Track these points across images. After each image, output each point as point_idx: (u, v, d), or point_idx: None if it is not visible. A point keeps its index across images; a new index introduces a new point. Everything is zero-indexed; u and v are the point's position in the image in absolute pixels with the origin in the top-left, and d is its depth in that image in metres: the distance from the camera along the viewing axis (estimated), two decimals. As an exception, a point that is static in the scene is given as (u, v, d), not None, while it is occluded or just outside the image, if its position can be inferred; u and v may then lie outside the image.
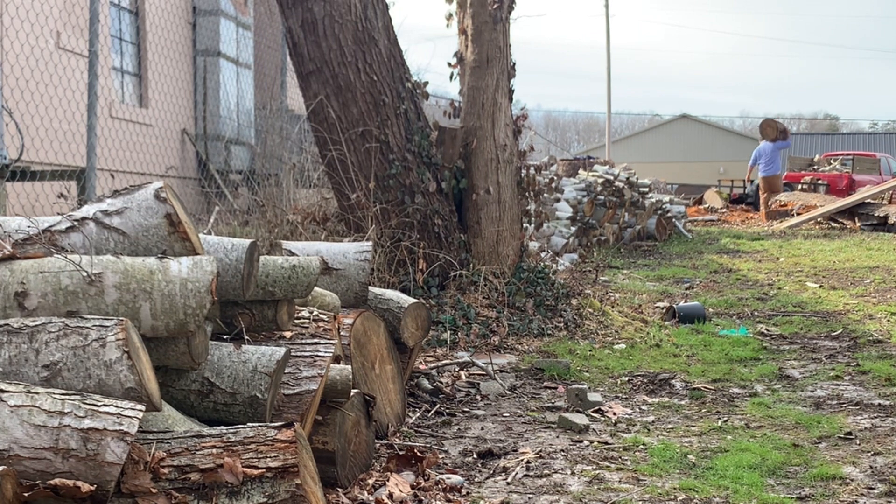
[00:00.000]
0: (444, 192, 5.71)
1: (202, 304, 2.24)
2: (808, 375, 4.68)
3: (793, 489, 2.94)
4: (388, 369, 3.60)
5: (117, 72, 9.76)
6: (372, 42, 5.50)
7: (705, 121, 52.85)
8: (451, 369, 4.53)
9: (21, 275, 2.22)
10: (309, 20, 5.46)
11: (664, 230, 13.99)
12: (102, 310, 2.21)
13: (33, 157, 7.32)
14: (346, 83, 5.48)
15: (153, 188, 2.43)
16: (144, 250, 2.39)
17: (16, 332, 2.06)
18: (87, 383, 2.01)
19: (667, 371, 4.73)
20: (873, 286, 8.09)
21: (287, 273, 2.93)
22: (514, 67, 6.05)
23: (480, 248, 5.78)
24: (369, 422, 3.05)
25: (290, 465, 1.97)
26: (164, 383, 2.46)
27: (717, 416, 3.87)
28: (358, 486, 2.82)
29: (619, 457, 3.28)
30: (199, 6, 11.02)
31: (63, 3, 8.28)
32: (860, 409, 3.97)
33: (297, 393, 2.64)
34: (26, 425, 1.86)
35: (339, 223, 5.74)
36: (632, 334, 5.76)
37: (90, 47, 6.81)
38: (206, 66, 10.98)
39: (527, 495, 2.88)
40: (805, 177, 21.33)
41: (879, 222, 14.88)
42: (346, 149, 5.52)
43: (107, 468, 1.86)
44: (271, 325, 2.92)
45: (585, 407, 3.93)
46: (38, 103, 7.37)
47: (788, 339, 5.75)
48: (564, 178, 11.90)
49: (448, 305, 5.34)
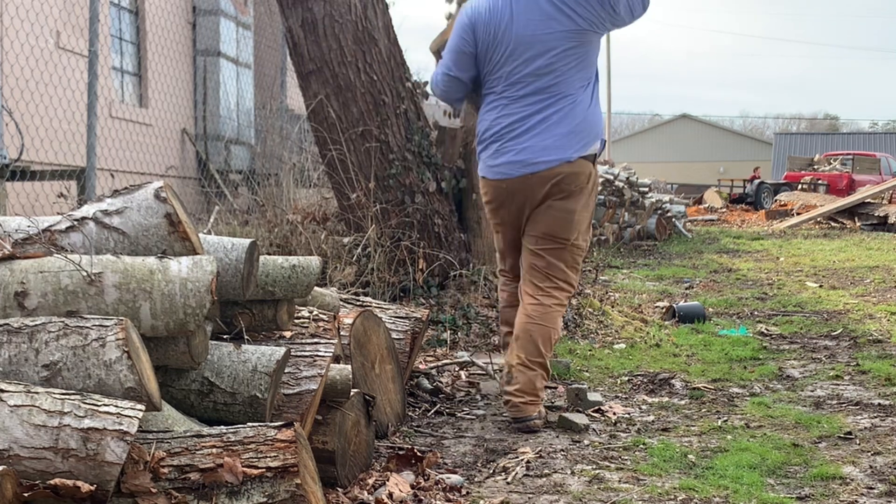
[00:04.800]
0: (444, 192, 5.71)
1: (202, 303, 2.24)
2: (808, 375, 4.68)
3: (793, 489, 2.94)
4: (388, 369, 3.60)
5: (117, 72, 9.77)
6: (372, 42, 5.50)
7: (705, 121, 52.88)
8: (451, 369, 4.53)
9: (21, 274, 2.22)
10: (309, 20, 5.46)
11: (664, 230, 14.00)
12: (102, 309, 2.21)
13: (33, 156, 7.32)
14: (346, 83, 5.48)
15: (153, 188, 2.43)
16: (144, 250, 2.39)
17: (16, 331, 2.06)
18: (86, 383, 2.01)
19: (667, 371, 4.73)
20: (873, 286, 8.09)
21: (287, 273, 2.93)
22: (514, 67, 6.05)
23: (480, 247, 5.78)
24: (369, 421, 3.05)
25: (290, 465, 1.97)
26: (164, 383, 2.46)
27: (717, 415, 3.87)
28: (358, 486, 2.82)
29: (619, 456, 3.28)
30: (199, 6, 11.02)
31: (63, 3, 8.28)
32: (860, 408, 3.98)
33: (297, 393, 2.64)
34: (26, 425, 1.86)
35: (339, 223, 5.74)
36: (632, 334, 5.76)
37: (90, 47, 6.81)
38: (206, 65, 10.99)
39: (527, 495, 2.88)
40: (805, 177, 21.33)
41: (879, 222, 14.89)
42: (346, 148, 5.52)
43: (107, 468, 1.86)
44: (271, 325, 2.92)
45: (585, 407, 3.93)
46: (38, 103, 7.38)
47: (788, 338, 5.75)
48: (564, 177, 11.88)
49: (448, 305, 5.34)
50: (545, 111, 3.66)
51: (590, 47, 3.68)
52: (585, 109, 3.69)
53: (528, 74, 3.67)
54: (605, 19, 3.64)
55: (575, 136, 3.66)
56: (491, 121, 3.78)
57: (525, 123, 3.69)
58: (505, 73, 3.72)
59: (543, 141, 3.66)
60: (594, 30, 3.65)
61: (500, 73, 3.74)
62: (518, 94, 3.70)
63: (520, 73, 3.69)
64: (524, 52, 3.66)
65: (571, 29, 3.60)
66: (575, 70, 3.65)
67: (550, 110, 3.66)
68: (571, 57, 3.64)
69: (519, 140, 3.70)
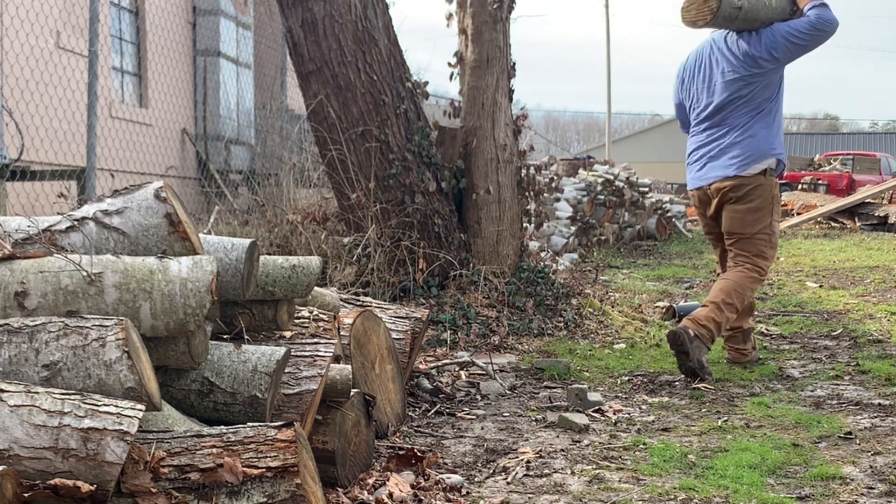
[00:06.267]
0: (444, 192, 5.71)
1: (202, 303, 2.24)
2: (808, 375, 4.68)
3: (793, 489, 2.94)
4: (388, 369, 3.60)
5: (117, 72, 9.77)
6: (372, 42, 5.50)
7: (705, 121, 52.75)
8: (451, 369, 4.53)
9: (21, 274, 2.22)
10: (309, 20, 5.46)
11: (664, 230, 13.99)
12: (102, 309, 2.21)
13: (33, 156, 7.32)
14: (346, 83, 5.47)
15: (153, 188, 2.43)
16: (144, 250, 2.39)
17: (16, 331, 2.06)
18: (86, 383, 2.01)
19: (667, 371, 4.73)
20: (873, 286, 8.09)
21: (287, 273, 2.93)
22: (514, 67, 6.05)
23: (480, 247, 5.78)
24: (369, 421, 3.05)
25: (290, 465, 1.97)
26: (164, 383, 2.46)
27: (717, 415, 3.87)
28: (358, 486, 2.82)
29: (619, 456, 3.28)
30: (199, 6, 11.02)
31: (63, 3, 8.28)
32: (860, 408, 3.98)
33: (297, 393, 2.64)
34: (26, 425, 1.86)
35: (339, 223, 5.74)
36: (632, 334, 5.76)
37: (90, 47, 6.81)
38: (206, 65, 10.98)
39: (527, 495, 2.88)
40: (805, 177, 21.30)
41: (879, 222, 14.88)
42: (346, 148, 5.52)
43: (107, 468, 1.86)
44: (271, 325, 2.92)
45: (585, 406, 3.93)
46: (38, 103, 7.38)
47: (788, 338, 5.75)
48: (564, 177, 11.90)
49: (448, 305, 5.34)
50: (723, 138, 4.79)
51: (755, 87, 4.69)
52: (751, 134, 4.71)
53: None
54: (763, 67, 4.60)
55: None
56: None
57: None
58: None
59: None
60: (755, 79, 4.65)
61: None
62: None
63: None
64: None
65: (732, 79, 4.69)
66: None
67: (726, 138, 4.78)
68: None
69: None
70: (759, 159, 4.67)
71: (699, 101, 4.84)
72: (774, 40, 4.53)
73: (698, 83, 4.83)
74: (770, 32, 4.55)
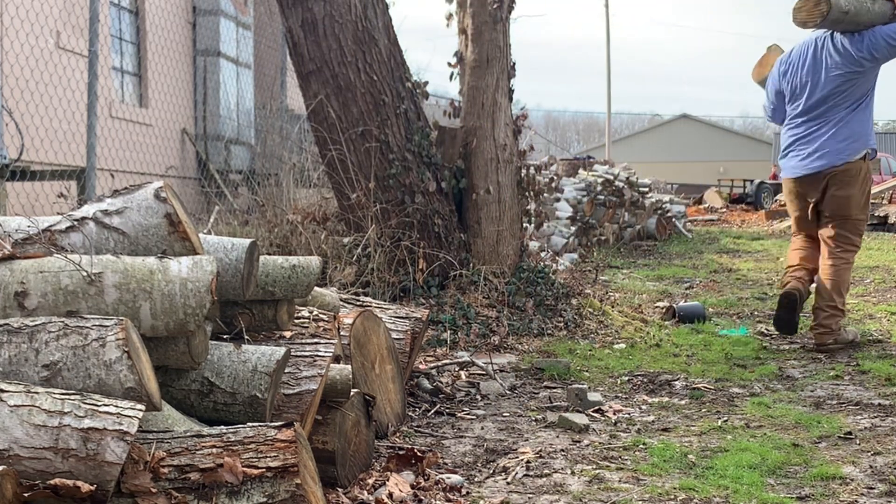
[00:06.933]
0: (444, 192, 5.71)
1: (202, 303, 2.24)
2: (808, 375, 4.68)
3: (793, 489, 2.94)
4: (388, 369, 3.60)
5: (117, 72, 9.77)
6: (372, 42, 5.50)
7: (705, 121, 52.84)
8: (451, 369, 4.53)
9: (21, 274, 2.22)
10: (309, 20, 5.46)
11: (664, 230, 13.99)
12: (102, 309, 2.21)
13: (33, 156, 7.32)
14: (346, 83, 5.47)
15: (153, 188, 2.43)
16: (144, 250, 2.39)
17: (16, 331, 2.06)
18: (86, 383, 2.01)
19: (667, 371, 4.73)
20: (873, 286, 8.09)
21: (287, 273, 2.93)
22: (514, 67, 6.05)
23: (480, 247, 5.78)
24: (369, 421, 3.05)
25: (290, 465, 1.97)
26: (164, 383, 2.46)
27: (717, 415, 3.87)
28: (358, 486, 2.82)
29: (619, 456, 3.28)
30: (199, 6, 11.02)
31: (63, 3, 8.28)
32: (860, 408, 3.98)
33: (297, 393, 2.64)
34: (26, 425, 1.86)
35: (339, 223, 5.74)
36: (632, 334, 5.76)
37: (90, 47, 6.81)
38: (206, 65, 10.99)
39: (527, 495, 2.88)
40: (805, 177, 21.28)
41: (879, 222, 14.88)
42: (346, 149, 5.52)
43: (107, 468, 1.86)
44: (271, 325, 2.92)
45: (585, 407, 3.93)
46: (38, 103, 7.38)
47: (788, 338, 5.75)
48: (564, 177, 11.90)
49: (448, 305, 5.34)
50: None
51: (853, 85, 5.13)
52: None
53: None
54: (864, 66, 5.05)
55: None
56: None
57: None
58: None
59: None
60: (855, 76, 5.09)
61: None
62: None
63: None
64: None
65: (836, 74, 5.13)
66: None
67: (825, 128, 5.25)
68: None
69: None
70: (860, 148, 5.18)
71: (801, 93, 5.24)
72: (876, 42, 4.98)
73: (802, 77, 5.23)
74: (872, 34, 4.99)
